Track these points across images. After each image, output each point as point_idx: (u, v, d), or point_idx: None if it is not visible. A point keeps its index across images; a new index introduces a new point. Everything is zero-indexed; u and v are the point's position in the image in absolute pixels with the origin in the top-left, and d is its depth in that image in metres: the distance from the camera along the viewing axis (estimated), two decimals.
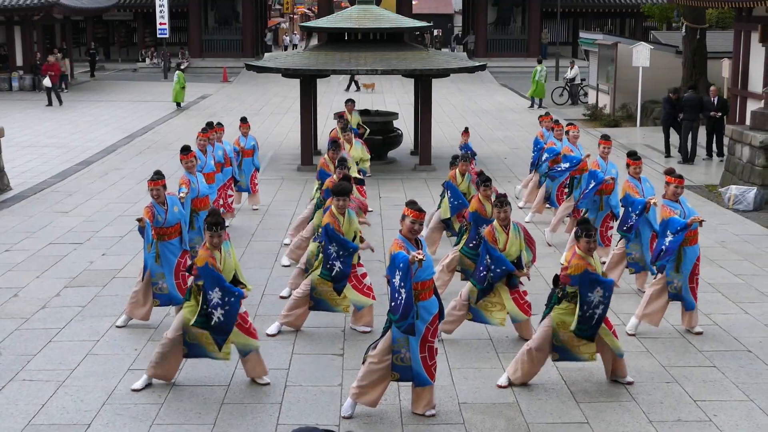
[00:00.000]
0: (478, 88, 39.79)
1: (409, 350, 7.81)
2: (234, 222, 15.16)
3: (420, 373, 7.85)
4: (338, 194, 9.72)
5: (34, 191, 17.95)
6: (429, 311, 7.86)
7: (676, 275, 9.93)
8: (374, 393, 7.95)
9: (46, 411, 8.12)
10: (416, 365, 7.82)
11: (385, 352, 7.89)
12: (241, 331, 8.41)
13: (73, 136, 25.86)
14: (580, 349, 8.53)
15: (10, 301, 11.22)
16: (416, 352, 7.81)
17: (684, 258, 9.90)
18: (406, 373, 7.89)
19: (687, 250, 9.92)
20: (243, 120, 16.56)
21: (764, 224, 15.27)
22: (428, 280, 7.86)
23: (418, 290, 7.78)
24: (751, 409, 8.20)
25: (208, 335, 8.30)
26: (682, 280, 9.91)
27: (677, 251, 9.82)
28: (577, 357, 8.59)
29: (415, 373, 7.85)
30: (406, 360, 7.84)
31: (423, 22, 23.31)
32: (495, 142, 24.62)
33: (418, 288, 7.78)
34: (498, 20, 53.92)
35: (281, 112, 31.57)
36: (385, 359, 7.89)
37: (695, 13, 27.40)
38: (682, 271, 9.91)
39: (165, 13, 44.93)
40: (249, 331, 8.50)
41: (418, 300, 7.77)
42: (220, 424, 7.85)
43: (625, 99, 28.99)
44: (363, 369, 7.97)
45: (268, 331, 9.85)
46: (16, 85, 38.14)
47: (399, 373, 7.90)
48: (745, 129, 17.88)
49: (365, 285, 9.98)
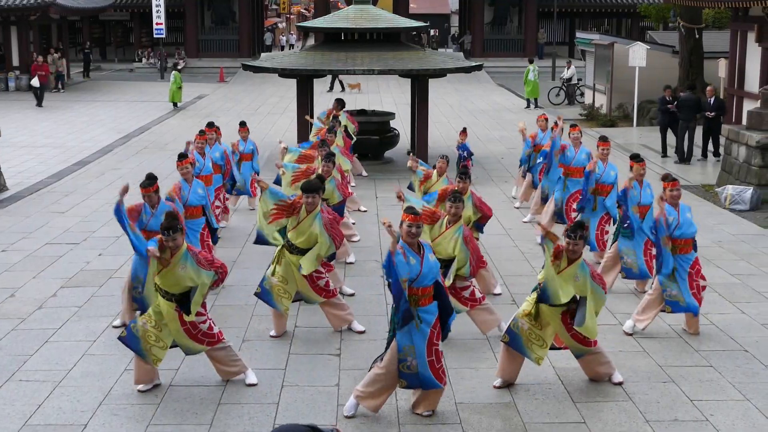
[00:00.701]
0: (474, 88, 39.80)
1: (415, 357, 7.79)
2: (231, 223, 15.16)
3: (428, 377, 7.82)
4: (307, 191, 9.55)
5: (30, 191, 17.94)
6: (431, 314, 7.85)
7: (670, 284, 9.91)
8: (377, 399, 7.95)
9: (43, 411, 8.10)
10: (424, 370, 7.80)
11: (392, 361, 7.86)
12: (188, 335, 8.36)
13: (69, 136, 25.83)
14: (532, 346, 8.45)
15: (6, 301, 11.20)
16: (423, 356, 7.79)
17: (678, 267, 9.90)
18: (414, 380, 7.87)
19: (679, 259, 9.91)
20: (242, 124, 16.50)
21: (761, 224, 15.29)
22: (428, 286, 7.83)
23: (418, 295, 7.78)
24: (748, 409, 8.21)
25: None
26: (678, 287, 9.88)
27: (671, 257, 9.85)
28: (525, 352, 8.46)
29: (423, 378, 7.82)
30: (413, 367, 7.81)
31: (419, 22, 23.31)
32: (492, 142, 24.63)
33: (419, 293, 7.78)
34: (494, 20, 53.92)
35: (278, 112, 31.55)
36: (392, 368, 7.86)
37: (692, 13, 27.43)
38: (677, 279, 9.90)
39: (161, 13, 44.89)
40: (196, 337, 8.40)
41: (417, 305, 7.77)
42: (216, 425, 7.84)
43: (621, 99, 29.01)
44: (368, 375, 7.97)
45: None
46: (12, 85, 38.09)
47: (406, 380, 7.87)
48: (742, 129, 17.89)
49: (317, 285, 9.85)
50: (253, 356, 9.35)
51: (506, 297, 11.39)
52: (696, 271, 10.02)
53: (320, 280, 9.83)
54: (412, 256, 7.76)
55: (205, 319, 8.44)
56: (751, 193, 16.37)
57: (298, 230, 9.65)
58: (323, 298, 9.87)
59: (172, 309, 8.26)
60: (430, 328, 7.84)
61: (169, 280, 8.17)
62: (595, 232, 12.51)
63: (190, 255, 8.13)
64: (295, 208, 9.62)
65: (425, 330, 7.79)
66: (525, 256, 13.20)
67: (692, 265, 9.99)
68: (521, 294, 11.24)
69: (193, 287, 8.16)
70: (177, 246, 8.09)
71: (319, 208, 9.65)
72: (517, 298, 11.20)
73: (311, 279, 9.75)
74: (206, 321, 8.45)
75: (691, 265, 9.99)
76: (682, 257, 9.94)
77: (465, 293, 9.72)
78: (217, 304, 10.97)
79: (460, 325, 10.04)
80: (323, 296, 9.86)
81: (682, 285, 9.88)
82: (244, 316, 10.63)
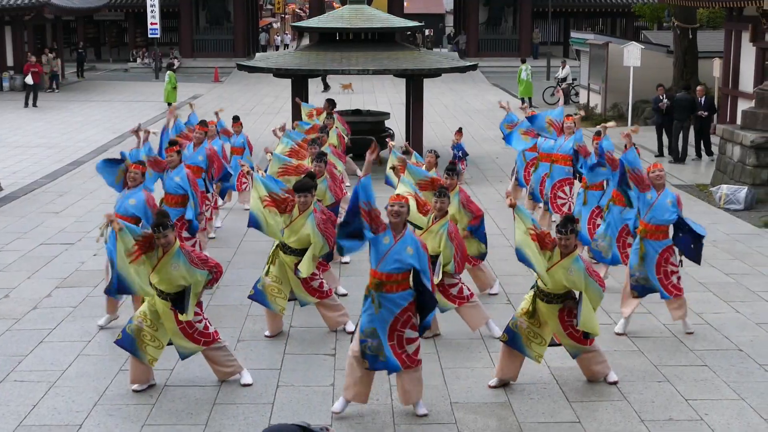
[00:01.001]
0: (469, 87, 39.81)
1: (376, 338, 7.77)
2: (225, 222, 15.15)
3: (390, 359, 7.79)
4: (299, 190, 9.53)
5: (24, 192, 17.92)
6: (396, 303, 7.79)
7: (638, 268, 9.98)
8: (358, 387, 7.92)
9: (38, 412, 8.09)
10: (387, 351, 7.78)
11: (357, 344, 7.89)
12: (184, 334, 8.36)
13: (64, 136, 25.80)
14: (531, 344, 8.46)
15: (1, 301, 11.19)
16: (385, 340, 7.78)
17: (646, 251, 9.93)
18: (375, 362, 7.83)
19: (647, 245, 9.93)
20: (235, 119, 16.59)
21: (755, 223, 15.32)
22: (395, 273, 7.76)
23: (382, 280, 7.75)
24: (743, 408, 8.22)
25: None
26: (645, 272, 9.94)
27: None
28: (525, 350, 8.48)
29: (386, 360, 7.79)
30: (373, 348, 7.79)
31: (414, 22, 23.33)
32: (486, 142, 24.65)
33: (383, 278, 7.75)
34: (489, 20, 53.98)
35: (272, 112, 31.53)
36: (356, 350, 7.88)
37: (686, 12, 27.46)
38: (646, 265, 9.94)
39: (156, 13, 44.83)
40: (192, 337, 8.41)
41: (382, 290, 7.77)
42: (211, 425, 7.84)
43: (616, 98, 29.02)
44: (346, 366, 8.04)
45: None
46: (7, 86, 38.04)
47: (368, 361, 7.83)
48: (736, 128, 17.93)
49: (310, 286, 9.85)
50: (248, 356, 9.35)
51: (501, 297, 11.39)
52: (665, 259, 9.97)
53: (314, 281, 9.82)
54: (388, 235, 7.75)
55: (201, 318, 8.44)
56: (746, 192, 16.39)
57: (291, 229, 9.64)
58: (316, 298, 9.86)
59: (168, 308, 8.26)
60: (395, 315, 7.79)
61: (162, 279, 8.17)
62: (587, 226, 12.51)
63: (183, 254, 8.11)
64: (287, 205, 9.59)
65: (385, 315, 7.76)
66: None
67: (662, 252, 9.96)
68: (516, 294, 11.26)
69: (187, 286, 8.16)
70: (168, 243, 8.07)
71: (312, 208, 9.63)
72: (513, 298, 11.20)
73: (305, 280, 9.74)
74: (202, 320, 8.45)
75: (661, 252, 9.95)
76: (652, 243, 9.94)
77: (453, 290, 9.73)
78: (211, 304, 10.97)
79: (455, 325, 10.05)
80: (316, 297, 9.85)
81: (649, 270, 9.93)
82: (238, 316, 10.62)
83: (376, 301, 7.80)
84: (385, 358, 7.80)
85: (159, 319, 8.33)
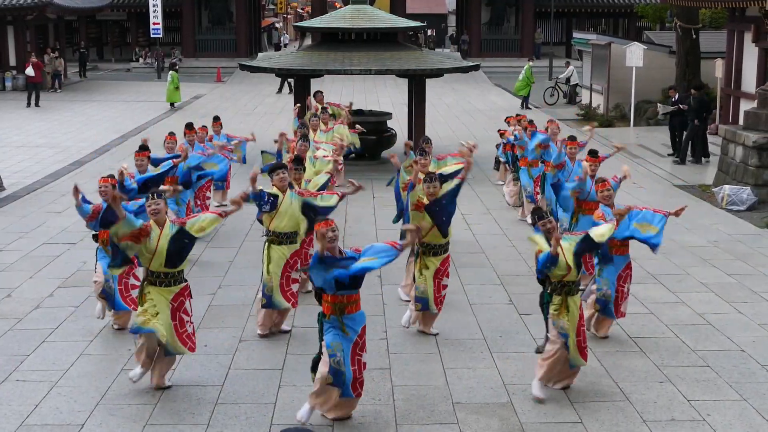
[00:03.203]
0: (471, 88, 39.79)
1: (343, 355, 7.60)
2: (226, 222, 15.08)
3: (348, 384, 7.63)
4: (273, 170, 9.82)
5: (27, 191, 17.92)
6: (357, 323, 7.72)
7: (603, 282, 9.65)
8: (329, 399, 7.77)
9: (39, 411, 8.10)
10: (348, 373, 7.62)
11: (326, 362, 7.69)
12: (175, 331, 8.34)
13: (65, 136, 25.80)
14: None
15: (3, 301, 11.19)
16: (348, 360, 7.63)
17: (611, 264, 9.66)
18: (338, 379, 7.62)
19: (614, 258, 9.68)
20: (215, 119, 17.15)
21: (757, 224, 15.30)
22: (354, 294, 7.69)
23: (344, 303, 7.62)
24: (745, 409, 8.21)
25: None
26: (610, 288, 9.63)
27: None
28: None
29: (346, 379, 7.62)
30: (341, 364, 7.60)
31: (416, 22, 23.34)
32: (489, 142, 24.59)
33: (344, 301, 7.62)
34: (491, 20, 53.97)
35: (274, 112, 31.52)
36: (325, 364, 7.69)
37: (688, 13, 27.44)
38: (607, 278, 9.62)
39: (158, 13, 44.82)
40: (181, 337, 8.39)
41: (343, 313, 7.63)
42: (213, 425, 7.84)
43: (618, 99, 29.02)
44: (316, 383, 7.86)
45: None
46: (9, 85, 38.03)
47: (332, 376, 7.62)
48: (739, 129, 17.91)
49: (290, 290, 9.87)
50: (250, 356, 9.35)
51: (503, 297, 11.37)
52: (626, 276, 9.78)
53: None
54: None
55: (190, 322, 8.49)
56: (748, 193, 16.38)
57: (278, 216, 9.77)
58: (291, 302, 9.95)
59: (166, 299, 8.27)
60: (356, 336, 7.71)
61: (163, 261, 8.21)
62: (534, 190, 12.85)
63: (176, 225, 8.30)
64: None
65: (351, 337, 7.67)
66: (522, 256, 13.19)
67: (623, 269, 9.75)
68: (518, 294, 11.26)
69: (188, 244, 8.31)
70: (158, 212, 8.19)
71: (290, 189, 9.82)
72: (515, 298, 11.19)
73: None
74: (191, 324, 8.52)
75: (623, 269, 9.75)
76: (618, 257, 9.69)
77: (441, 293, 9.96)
78: (213, 304, 10.97)
79: (457, 326, 10.05)
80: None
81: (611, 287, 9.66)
82: (240, 316, 10.62)
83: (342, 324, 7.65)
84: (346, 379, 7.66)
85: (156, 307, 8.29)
